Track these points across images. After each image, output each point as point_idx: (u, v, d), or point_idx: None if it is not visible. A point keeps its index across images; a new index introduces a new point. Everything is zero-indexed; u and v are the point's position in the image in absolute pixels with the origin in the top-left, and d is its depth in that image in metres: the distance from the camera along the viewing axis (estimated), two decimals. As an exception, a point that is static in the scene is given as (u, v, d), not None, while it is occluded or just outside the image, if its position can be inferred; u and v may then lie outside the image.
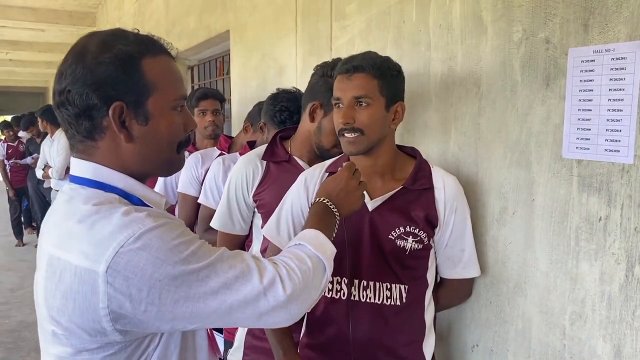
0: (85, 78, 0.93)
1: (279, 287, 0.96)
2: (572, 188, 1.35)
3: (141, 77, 0.96)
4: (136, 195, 1.00)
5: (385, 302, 1.46)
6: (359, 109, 1.41)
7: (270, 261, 1.01)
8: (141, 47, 0.97)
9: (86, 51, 0.95)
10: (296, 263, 1.01)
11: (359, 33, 2.15)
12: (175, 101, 1.01)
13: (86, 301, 0.88)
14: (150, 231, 0.88)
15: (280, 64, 2.86)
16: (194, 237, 0.95)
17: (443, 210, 1.48)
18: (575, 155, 1.33)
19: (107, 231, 0.88)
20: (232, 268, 0.94)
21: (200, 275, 0.90)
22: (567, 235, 1.37)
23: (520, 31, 1.46)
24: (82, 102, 0.94)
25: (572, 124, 1.33)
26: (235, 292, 0.93)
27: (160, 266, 0.87)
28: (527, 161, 1.46)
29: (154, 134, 0.99)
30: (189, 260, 0.90)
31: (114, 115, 0.94)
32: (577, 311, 1.36)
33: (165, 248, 0.88)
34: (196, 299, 0.90)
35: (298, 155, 1.81)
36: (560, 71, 1.35)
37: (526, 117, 1.46)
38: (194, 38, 4.22)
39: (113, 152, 0.98)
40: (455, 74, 1.68)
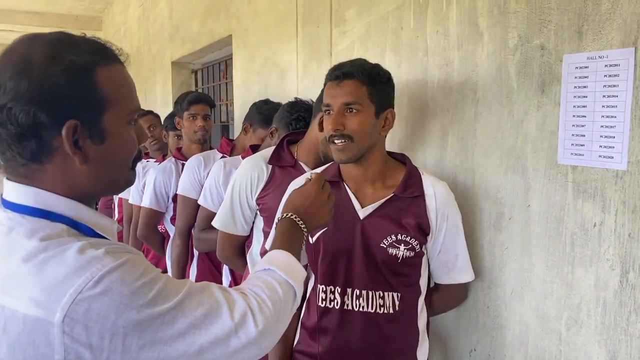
0: (32, 94, 0.80)
1: (251, 323, 0.89)
2: (568, 194, 1.35)
3: (96, 90, 0.85)
4: (85, 224, 0.88)
5: (378, 311, 1.46)
6: (348, 116, 1.42)
7: (240, 293, 0.93)
8: (94, 56, 0.86)
9: (31, 62, 0.81)
10: (267, 293, 0.95)
11: (358, 38, 2.16)
12: (130, 115, 0.91)
13: (38, 353, 0.77)
14: (110, 273, 0.78)
15: (281, 69, 2.88)
16: (157, 274, 0.86)
17: (435, 218, 1.48)
18: (570, 161, 1.34)
19: (61, 274, 0.77)
20: (201, 305, 0.86)
21: (166, 318, 0.82)
22: (562, 241, 1.37)
23: (515, 37, 1.46)
24: (28, 121, 0.80)
25: (567, 130, 1.34)
26: (205, 331, 0.85)
27: (123, 312, 0.78)
28: (523, 167, 1.47)
29: (111, 153, 0.89)
30: (155, 301, 0.81)
31: (67, 135, 0.82)
32: (573, 317, 1.36)
33: (129, 291, 0.79)
34: (163, 342, 0.81)
35: (304, 161, 1.82)
36: (555, 77, 1.36)
37: (522, 123, 1.46)
38: (197, 42, 4.25)
39: (63, 176, 0.86)
40: (452, 80, 1.69)
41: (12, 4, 7.79)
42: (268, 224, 1.83)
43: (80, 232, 0.87)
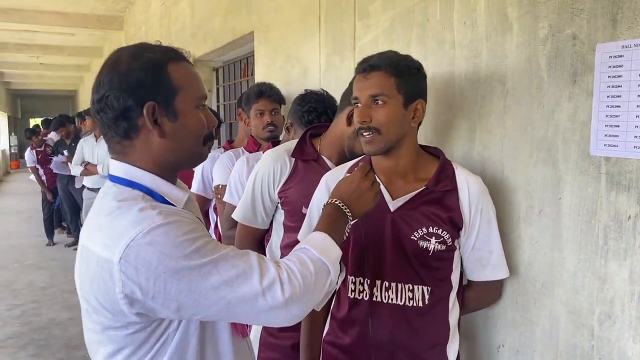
0: (121, 84, 1.05)
1: (278, 290, 1.01)
2: (600, 186, 1.32)
3: (168, 79, 1.08)
4: (159, 193, 1.10)
5: (407, 304, 1.46)
6: (375, 108, 1.41)
7: (275, 263, 1.06)
8: (166, 54, 1.10)
9: (119, 61, 1.08)
10: (298, 267, 1.06)
11: (382, 32, 2.14)
12: (198, 100, 1.13)
13: (106, 286, 0.99)
14: (158, 227, 0.98)
15: (304, 64, 2.87)
16: (202, 236, 1.02)
17: (468, 212, 1.46)
18: (603, 152, 1.31)
19: (123, 225, 0.99)
20: (235, 267, 1.00)
21: (202, 271, 0.98)
22: (595, 234, 1.34)
23: (546, 27, 1.44)
24: (120, 105, 1.06)
25: (600, 121, 1.31)
26: (235, 289, 0.99)
27: (164, 260, 0.96)
28: (554, 159, 1.44)
29: (183, 128, 1.11)
30: (191, 256, 0.98)
31: (147, 113, 1.06)
32: (605, 311, 1.33)
33: (171, 244, 0.97)
34: (197, 292, 0.98)
35: (327, 155, 1.81)
36: (588, 67, 1.33)
37: (553, 114, 1.43)
38: (219, 40, 4.27)
39: (147, 149, 1.10)
40: (480, 72, 1.67)
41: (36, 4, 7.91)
42: (290, 217, 1.82)
43: (153, 199, 1.09)
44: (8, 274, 6.35)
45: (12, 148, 21.31)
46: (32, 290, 5.73)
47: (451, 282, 1.50)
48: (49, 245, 7.84)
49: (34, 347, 4.27)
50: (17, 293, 5.66)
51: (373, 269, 1.47)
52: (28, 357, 4.12)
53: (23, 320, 4.86)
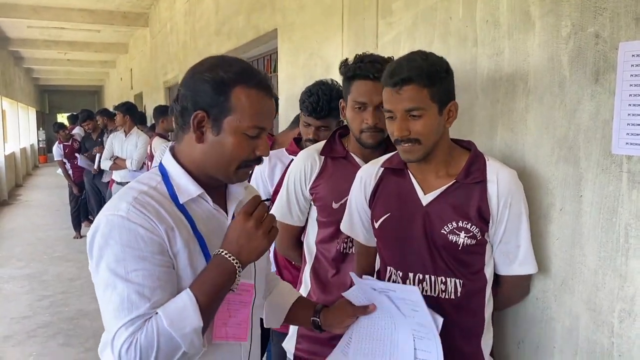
0: (189, 85, 1.19)
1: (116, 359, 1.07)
2: (622, 184, 1.33)
3: (226, 99, 1.16)
4: (171, 182, 1.21)
5: (441, 296, 1.48)
6: (412, 120, 1.41)
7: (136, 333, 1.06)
8: (238, 77, 1.17)
9: (201, 66, 1.20)
10: (145, 346, 1.05)
11: (405, 30, 2.16)
12: (249, 129, 1.18)
13: None
14: (113, 218, 1.10)
15: (327, 62, 2.90)
16: (135, 255, 1.09)
17: (496, 205, 1.45)
18: (625, 151, 1.32)
19: (112, 201, 1.16)
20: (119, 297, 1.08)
21: (108, 281, 1.09)
22: (616, 232, 1.35)
23: (569, 26, 1.44)
24: (183, 102, 1.19)
25: (622, 119, 1.32)
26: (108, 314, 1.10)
27: (99, 250, 1.11)
28: (575, 157, 1.45)
29: (220, 144, 1.18)
30: (109, 263, 1.09)
31: (194, 118, 1.17)
32: (626, 309, 1.34)
33: (108, 242, 1.10)
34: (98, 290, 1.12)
35: (354, 152, 1.85)
36: (610, 66, 1.34)
37: (574, 112, 1.44)
38: (242, 37, 4.32)
39: (189, 145, 1.22)
40: (502, 70, 1.68)
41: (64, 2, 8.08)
42: (322, 213, 1.88)
43: (164, 185, 1.20)
44: (37, 266, 6.52)
45: (40, 142, 21.73)
46: (61, 282, 5.87)
47: (485, 276, 1.51)
48: (76, 238, 8.01)
49: (63, 337, 4.39)
50: (46, 284, 5.81)
51: (406, 262, 1.51)
52: (58, 346, 4.24)
53: (52, 311, 4.99)
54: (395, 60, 1.47)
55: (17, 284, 5.81)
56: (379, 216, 1.57)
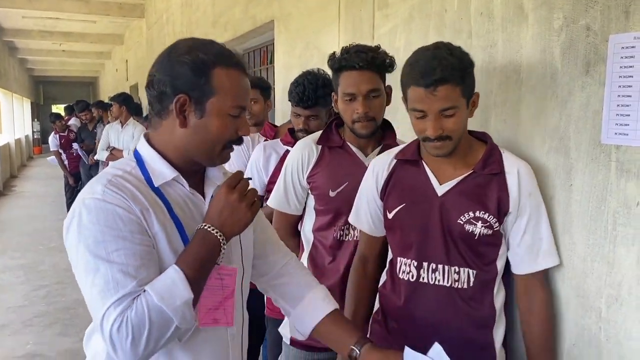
0: (166, 69, 1.15)
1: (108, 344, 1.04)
2: (610, 173, 1.37)
3: (207, 81, 1.14)
4: (147, 168, 1.19)
5: (453, 285, 1.50)
6: (445, 119, 1.40)
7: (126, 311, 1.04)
8: (217, 58, 1.15)
9: (176, 49, 1.17)
10: (137, 323, 1.03)
11: (401, 21, 2.19)
12: (232, 109, 1.18)
13: None
14: (89, 202, 1.08)
15: (323, 53, 2.92)
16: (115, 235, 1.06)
17: (517, 196, 1.46)
18: (614, 140, 1.35)
19: (87, 186, 1.14)
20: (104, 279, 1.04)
21: (88, 265, 1.06)
22: (604, 220, 1.39)
23: (561, 18, 1.47)
24: (159, 87, 1.16)
25: (612, 110, 1.35)
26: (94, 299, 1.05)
27: (78, 230, 1.08)
28: (566, 147, 1.48)
29: (204, 127, 1.17)
30: (89, 245, 1.06)
31: (176, 103, 1.15)
32: (613, 294, 1.38)
33: (86, 225, 1.07)
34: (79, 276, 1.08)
35: (350, 141, 1.88)
36: (601, 58, 1.37)
37: (566, 103, 1.48)
38: (239, 28, 4.33)
39: (169, 131, 1.19)
40: (496, 62, 1.71)
41: (59, -8, 8.04)
42: (319, 201, 1.92)
43: (139, 170, 1.19)
44: (33, 256, 6.54)
45: (34, 134, 21.65)
46: (57, 272, 5.89)
47: (497, 267, 1.53)
48: (72, 227, 8.03)
49: (59, 326, 4.42)
50: (42, 274, 5.83)
51: (420, 251, 1.53)
52: (54, 335, 4.27)
53: (49, 300, 5.02)
54: (420, 58, 1.41)
55: (13, 274, 5.84)
56: (393, 207, 1.59)
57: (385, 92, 1.81)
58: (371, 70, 1.74)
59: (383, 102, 1.81)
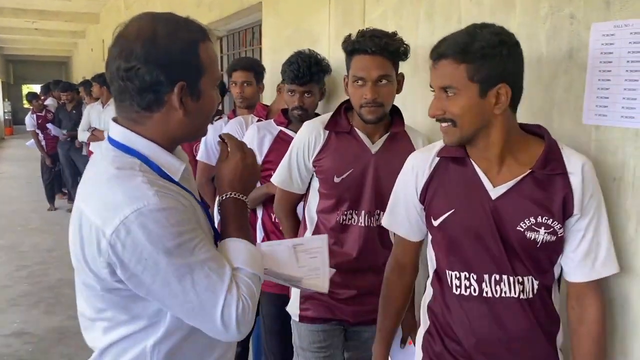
0: (157, 59, 1.06)
1: (233, 329, 1.07)
2: (591, 151, 1.48)
3: (198, 60, 1.11)
4: (155, 162, 1.12)
5: (522, 296, 1.36)
6: (446, 100, 1.32)
7: (237, 293, 1.08)
8: (198, 34, 1.12)
9: (157, 36, 1.07)
10: (248, 294, 1.09)
11: (392, 7, 2.27)
12: (217, 80, 1.19)
13: (94, 251, 1.05)
14: (151, 212, 1.01)
15: (313, 36, 2.99)
16: (190, 230, 1.06)
17: (580, 198, 1.32)
18: (594, 121, 1.47)
19: (119, 199, 1.02)
20: (208, 277, 1.05)
21: (178, 272, 1.03)
22: (583, 195, 1.50)
23: (546, 7, 1.58)
24: (151, 79, 1.06)
25: (592, 93, 1.47)
26: (201, 302, 1.05)
27: (149, 247, 1.01)
28: (550, 128, 1.57)
29: (202, 108, 1.15)
30: (173, 251, 1.02)
31: (178, 92, 1.09)
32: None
33: (159, 234, 1.01)
34: (168, 289, 1.04)
35: (358, 127, 1.90)
36: (583, 44, 1.48)
37: (549, 87, 1.59)
38: (225, 9, 4.34)
39: (164, 123, 1.12)
40: (484, 47, 1.80)
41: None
42: (323, 185, 1.95)
43: (150, 168, 1.11)
44: (13, 237, 6.51)
45: (5, 114, 21.17)
46: (38, 252, 5.89)
47: (554, 272, 1.41)
48: (51, 210, 7.98)
49: (45, 305, 4.45)
50: (23, 255, 5.82)
51: (476, 262, 1.39)
52: (41, 314, 4.31)
53: (32, 280, 5.03)
54: None
55: (-6, 255, 5.82)
56: (440, 213, 1.43)
57: (396, 80, 1.83)
58: (383, 56, 1.75)
59: (393, 89, 1.82)
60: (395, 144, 1.91)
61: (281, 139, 2.39)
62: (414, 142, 1.93)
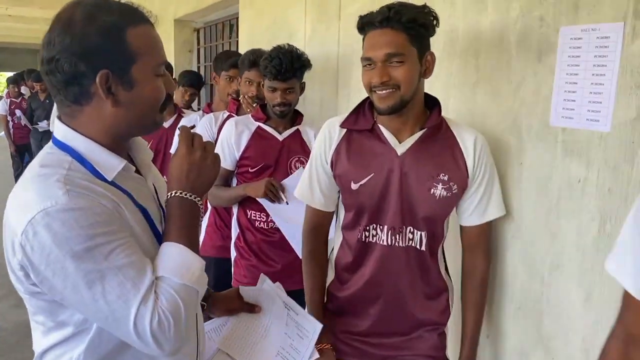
0: (74, 48, 0.98)
1: (149, 340, 0.97)
2: (557, 153, 1.51)
3: (125, 46, 1.02)
4: (89, 161, 1.04)
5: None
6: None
7: (155, 303, 0.98)
8: (124, 17, 1.03)
9: (73, 22, 0.99)
10: (172, 310, 0.98)
11: (367, 2, 2.26)
12: (157, 67, 1.07)
13: (9, 251, 0.99)
14: (59, 212, 0.93)
15: (289, 30, 2.97)
16: (103, 233, 0.96)
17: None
18: (560, 123, 1.49)
19: (30, 198, 0.95)
20: (121, 286, 0.96)
21: (87, 278, 0.94)
22: (549, 195, 1.53)
23: (517, 8, 1.59)
24: (71, 70, 0.99)
25: (560, 95, 1.49)
26: (114, 312, 0.96)
27: (56, 250, 0.93)
28: (518, 129, 1.62)
29: (139, 98, 1.05)
30: (81, 256, 0.93)
31: (100, 82, 1.00)
32: (555, 262, 1.53)
33: (66, 236, 0.93)
34: (79, 296, 0.96)
35: (383, 124, 1.58)
36: (552, 47, 1.50)
37: (519, 88, 1.60)
38: (202, 1, 4.29)
39: (97, 116, 1.05)
40: (456, 46, 1.82)
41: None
42: (343, 194, 1.66)
43: (82, 166, 1.04)
44: (-17, 228, 6.36)
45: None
46: (7, 244, 5.77)
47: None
48: (22, 201, 7.81)
49: (14, 299, 4.35)
50: (-7, 247, 5.70)
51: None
52: (10, 307, 4.22)
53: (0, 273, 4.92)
54: None
55: (-37, 246, 5.68)
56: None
57: (419, 60, 1.47)
58: (395, 28, 1.42)
59: (411, 70, 1.45)
60: (432, 143, 1.55)
61: (259, 134, 2.36)
62: (461, 140, 1.56)
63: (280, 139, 2.34)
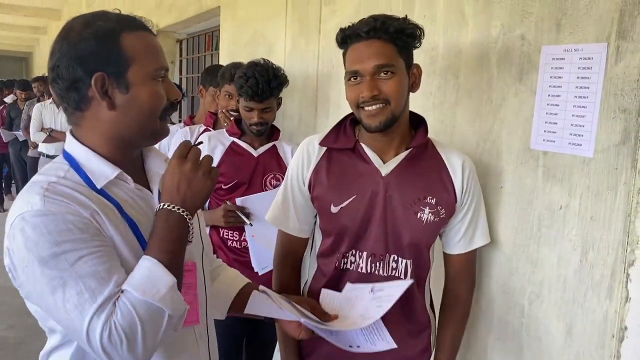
0: (70, 53, 1.03)
1: (103, 357, 0.94)
2: (538, 177, 1.44)
3: (120, 50, 1.04)
4: (83, 169, 1.06)
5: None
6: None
7: (109, 317, 0.94)
8: (120, 24, 1.05)
9: (71, 30, 1.04)
10: (127, 326, 0.94)
11: (347, 18, 2.19)
12: (156, 71, 1.08)
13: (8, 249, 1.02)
14: (32, 217, 0.95)
15: (269, 43, 2.91)
16: (70, 240, 0.95)
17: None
18: (542, 147, 1.42)
19: (16, 203, 1.00)
20: (79, 295, 0.94)
21: (51, 284, 0.94)
22: (530, 222, 1.46)
23: (498, 26, 1.53)
24: (69, 75, 1.03)
25: (541, 117, 1.42)
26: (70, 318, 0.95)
27: (27, 254, 0.95)
28: (498, 151, 1.55)
29: (135, 101, 1.06)
30: (47, 261, 0.94)
31: (96, 84, 1.03)
32: (535, 292, 1.46)
33: (35, 240, 0.95)
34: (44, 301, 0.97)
35: (366, 142, 1.48)
36: (533, 67, 1.44)
37: (499, 108, 1.54)
38: (184, 12, 4.23)
39: (96, 121, 1.07)
40: (436, 64, 1.76)
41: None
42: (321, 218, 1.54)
43: (78, 175, 1.06)
44: (-45, 239, 6.19)
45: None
46: (-19, 257, 5.61)
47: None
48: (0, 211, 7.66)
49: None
50: (-35, 259, 5.53)
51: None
52: None
53: None
54: None
55: None
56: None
57: (407, 72, 1.40)
58: (382, 39, 1.34)
59: (401, 83, 1.37)
60: (417, 165, 1.45)
61: (233, 150, 2.29)
62: (448, 163, 1.47)
63: (256, 155, 2.26)
